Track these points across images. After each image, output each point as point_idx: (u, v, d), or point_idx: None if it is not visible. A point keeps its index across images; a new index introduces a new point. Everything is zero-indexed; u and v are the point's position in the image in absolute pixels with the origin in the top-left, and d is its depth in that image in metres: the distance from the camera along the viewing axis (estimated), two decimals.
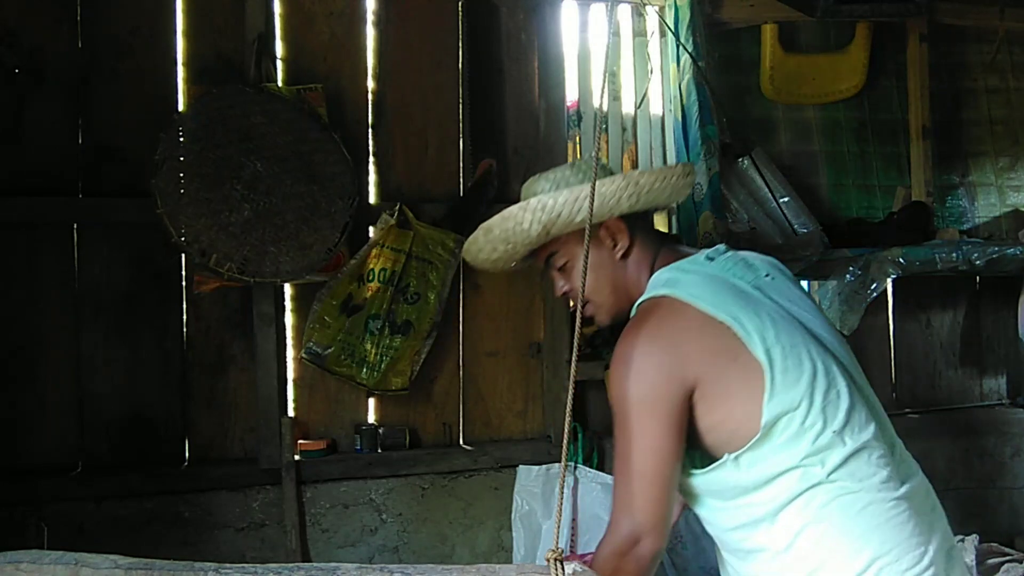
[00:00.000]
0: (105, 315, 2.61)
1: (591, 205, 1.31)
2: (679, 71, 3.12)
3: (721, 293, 1.49)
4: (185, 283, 2.66)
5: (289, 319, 2.75)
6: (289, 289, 2.74)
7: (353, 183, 2.59)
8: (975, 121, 3.63)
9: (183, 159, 2.42)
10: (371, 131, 2.85)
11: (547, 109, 2.93)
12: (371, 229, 2.78)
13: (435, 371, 2.87)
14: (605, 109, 3.21)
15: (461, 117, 2.93)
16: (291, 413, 2.74)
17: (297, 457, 2.68)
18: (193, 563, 1.17)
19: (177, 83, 2.67)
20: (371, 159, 2.85)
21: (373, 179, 2.85)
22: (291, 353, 2.76)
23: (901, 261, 3.01)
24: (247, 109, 2.49)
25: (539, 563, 1.30)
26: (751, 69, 3.38)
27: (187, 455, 2.69)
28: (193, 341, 2.69)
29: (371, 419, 2.85)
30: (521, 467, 2.82)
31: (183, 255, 2.60)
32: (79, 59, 2.59)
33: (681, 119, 3.10)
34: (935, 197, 3.51)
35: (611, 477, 2.76)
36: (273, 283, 2.61)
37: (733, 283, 1.53)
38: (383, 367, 2.70)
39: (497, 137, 2.95)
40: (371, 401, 2.85)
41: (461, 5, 2.94)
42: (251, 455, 2.69)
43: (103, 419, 2.61)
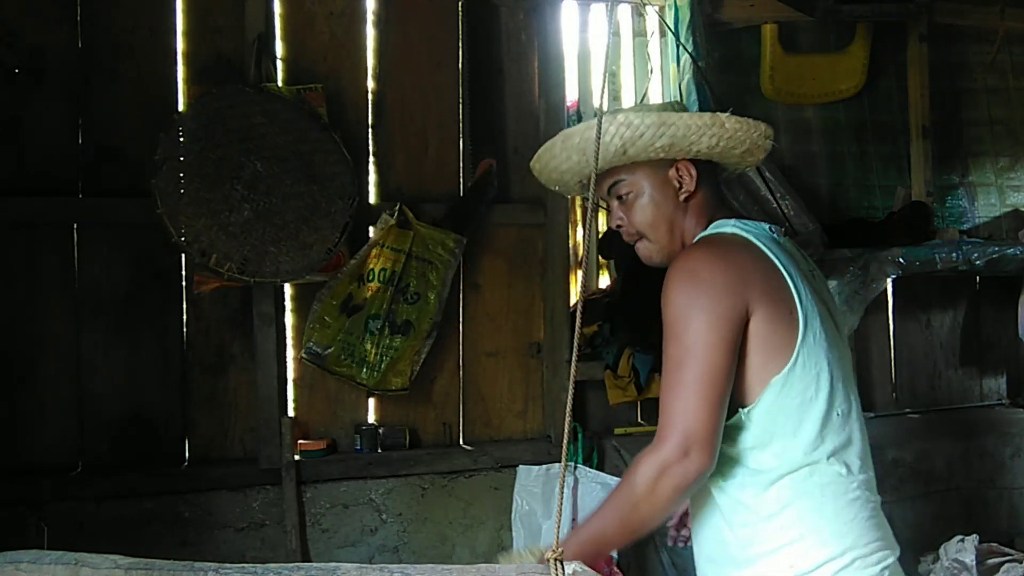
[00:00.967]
0: (105, 315, 2.61)
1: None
2: (679, 71, 3.13)
3: (783, 256, 1.49)
4: (185, 283, 2.66)
5: (289, 319, 2.76)
6: (289, 289, 2.75)
7: (353, 183, 2.59)
8: (975, 121, 3.63)
9: (183, 159, 2.42)
10: (371, 131, 2.85)
11: (547, 109, 2.93)
12: (371, 229, 2.78)
13: (435, 371, 2.87)
14: (605, 109, 3.21)
15: (461, 117, 2.92)
16: (291, 413, 2.74)
17: (297, 457, 2.68)
18: (193, 563, 1.18)
19: (177, 83, 2.67)
20: (371, 159, 2.85)
21: (373, 179, 2.86)
22: (291, 353, 2.76)
23: (901, 261, 3.01)
24: (247, 109, 2.49)
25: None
26: (751, 69, 3.39)
27: (187, 455, 2.69)
28: (193, 341, 2.69)
29: (371, 419, 2.85)
30: (521, 467, 2.83)
31: (183, 255, 2.60)
32: (79, 59, 2.59)
33: None
34: (935, 197, 3.51)
35: (611, 477, 2.79)
36: (273, 283, 2.61)
37: (793, 256, 1.54)
38: (383, 367, 2.70)
39: (497, 137, 2.95)
40: (371, 401, 2.85)
41: (461, 5, 2.94)
42: (251, 455, 2.69)
43: (103, 419, 2.61)
